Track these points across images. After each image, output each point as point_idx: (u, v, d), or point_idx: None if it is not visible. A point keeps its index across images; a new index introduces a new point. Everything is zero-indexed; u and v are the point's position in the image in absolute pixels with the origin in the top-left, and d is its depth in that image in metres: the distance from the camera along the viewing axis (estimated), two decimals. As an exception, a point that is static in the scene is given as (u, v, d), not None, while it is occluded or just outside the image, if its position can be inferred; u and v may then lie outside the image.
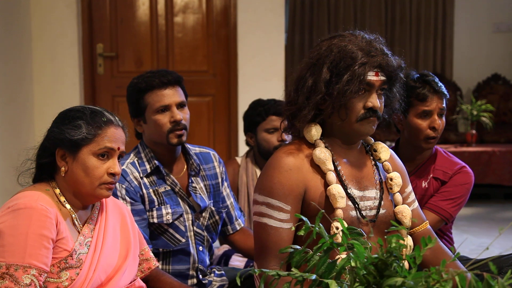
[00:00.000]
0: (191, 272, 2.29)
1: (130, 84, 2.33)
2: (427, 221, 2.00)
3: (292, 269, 1.24)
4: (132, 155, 2.30)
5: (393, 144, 2.63)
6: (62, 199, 1.73)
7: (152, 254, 1.97)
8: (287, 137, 2.85)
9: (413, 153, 2.49)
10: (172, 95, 2.25)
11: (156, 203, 2.23)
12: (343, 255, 1.40)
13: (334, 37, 1.83)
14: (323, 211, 1.33)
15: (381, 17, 6.77)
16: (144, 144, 2.31)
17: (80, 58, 4.10)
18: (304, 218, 1.32)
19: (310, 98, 1.79)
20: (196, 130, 4.52)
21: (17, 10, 3.91)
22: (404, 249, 1.95)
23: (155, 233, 2.24)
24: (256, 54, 4.02)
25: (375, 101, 1.78)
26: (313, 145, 1.83)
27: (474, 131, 5.81)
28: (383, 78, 1.79)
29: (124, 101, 4.37)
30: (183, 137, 2.26)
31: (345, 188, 1.80)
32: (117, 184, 2.18)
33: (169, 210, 2.24)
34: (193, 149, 2.43)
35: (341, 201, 1.75)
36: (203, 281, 2.32)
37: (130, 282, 1.86)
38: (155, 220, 2.22)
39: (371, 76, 1.76)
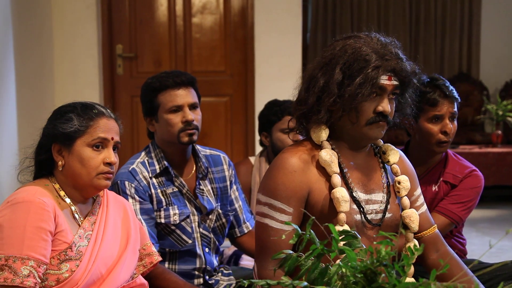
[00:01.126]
0: (197, 273, 2.31)
1: (144, 84, 2.36)
2: (435, 225, 1.98)
3: (282, 277, 1.23)
4: (143, 154, 2.33)
5: (403, 147, 2.61)
6: (62, 193, 1.77)
7: (154, 249, 1.99)
8: (301, 138, 2.84)
9: (424, 157, 2.48)
10: (185, 95, 2.28)
11: (164, 204, 2.26)
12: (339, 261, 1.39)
13: (349, 38, 1.80)
14: (314, 218, 1.32)
15: (405, 16, 6.69)
16: (156, 144, 2.34)
17: (99, 59, 4.15)
18: (295, 226, 1.31)
19: (321, 99, 1.76)
20: (213, 130, 4.55)
21: (38, 11, 3.98)
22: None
23: (162, 233, 2.26)
24: (273, 55, 4.03)
25: (386, 105, 1.75)
26: (319, 146, 1.80)
27: (499, 132, 5.71)
28: (395, 82, 1.76)
29: (143, 101, 4.43)
30: (194, 136, 2.28)
31: (350, 191, 1.78)
32: (126, 183, 2.21)
33: (176, 211, 2.26)
34: (204, 151, 2.44)
35: (345, 205, 1.73)
36: (209, 282, 2.33)
37: (132, 279, 1.87)
38: (162, 220, 2.24)
39: (384, 80, 1.73)
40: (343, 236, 1.32)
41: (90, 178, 1.75)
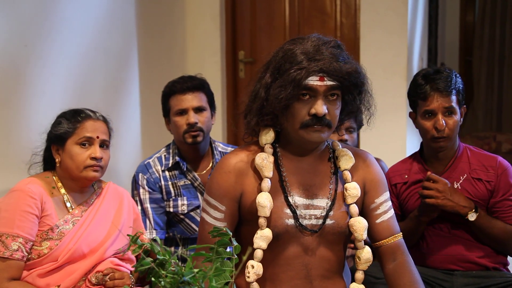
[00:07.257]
0: None
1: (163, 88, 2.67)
2: (399, 234, 1.88)
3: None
4: (162, 150, 2.65)
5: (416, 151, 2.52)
6: (59, 184, 2.12)
7: (145, 238, 2.29)
8: (347, 136, 2.85)
9: (433, 153, 2.37)
10: (191, 100, 2.52)
11: (173, 195, 2.53)
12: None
13: (289, 41, 1.80)
14: (142, 231, 1.45)
15: None
16: (173, 141, 2.64)
17: (223, 65, 4.56)
18: (129, 239, 1.38)
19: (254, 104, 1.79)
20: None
21: (174, 25, 4.52)
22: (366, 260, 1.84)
23: (173, 220, 2.55)
24: (378, 54, 3.98)
25: (319, 107, 1.71)
26: (263, 149, 1.83)
27: None
28: (331, 83, 1.71)
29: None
30: (198, 137, 2.52)
31: (285, 195, 1.80)
32: (140, 175, 2.55)
33: (185, 202, 2.52)
34: (225, 148, 2.67)
35: (262, 211, 1.75)
36: (220, 270, 2.55)
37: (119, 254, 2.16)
38: (171, 210, 2.53)
39: (314, 81, 1.70)
40: (216, 233, 1.39)
41: (79, 171, 2.07)
